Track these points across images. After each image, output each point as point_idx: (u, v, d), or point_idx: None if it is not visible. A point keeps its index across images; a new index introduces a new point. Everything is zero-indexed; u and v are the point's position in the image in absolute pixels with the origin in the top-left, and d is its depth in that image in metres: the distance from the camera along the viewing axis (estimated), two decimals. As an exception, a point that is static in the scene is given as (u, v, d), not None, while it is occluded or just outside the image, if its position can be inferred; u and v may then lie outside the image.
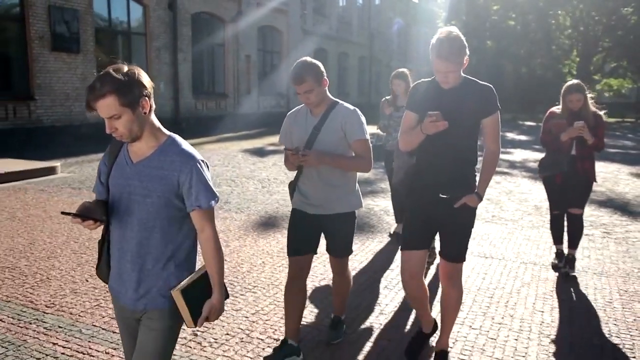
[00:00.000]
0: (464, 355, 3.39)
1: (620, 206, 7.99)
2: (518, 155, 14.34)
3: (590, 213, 7.22)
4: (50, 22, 13.70)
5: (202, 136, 16.72)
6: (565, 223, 5.05)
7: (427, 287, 3.29)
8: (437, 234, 3.22)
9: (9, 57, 13.45)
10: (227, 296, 2.12)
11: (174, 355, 3.00)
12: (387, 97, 5.96)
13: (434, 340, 3.47)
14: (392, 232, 6.08)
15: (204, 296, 2.02)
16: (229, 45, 20.73)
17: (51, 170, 9.53)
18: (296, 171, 3.25)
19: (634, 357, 3.40)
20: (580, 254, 5.32)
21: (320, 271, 4.86)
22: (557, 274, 4.90)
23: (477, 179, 3.08)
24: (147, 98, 1.91)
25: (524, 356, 3.39)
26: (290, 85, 3.01)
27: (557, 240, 5.12)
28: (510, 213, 7.35)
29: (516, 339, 3.61)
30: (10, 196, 7.73)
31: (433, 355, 3.32)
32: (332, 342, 3.53)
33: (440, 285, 3.42)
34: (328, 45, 28.52)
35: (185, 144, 2.03)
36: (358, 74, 33.21)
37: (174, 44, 17.79)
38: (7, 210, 6.84)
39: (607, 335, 3.70)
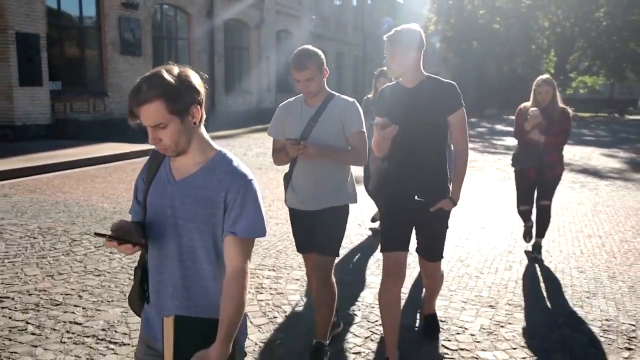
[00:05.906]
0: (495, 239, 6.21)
1: (592, 172, 11.07)
2: (510, 141, 17.31)
3: (571, 176, 10.17)
4: (120, 30, 16.27)
5: (238, 128, 19.33)
6: (534, 213, 5.42)
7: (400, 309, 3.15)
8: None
9: (88, 59, 16.02)
10: None
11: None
12: (369, 96, 6.01)
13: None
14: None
15: (205, 343, 1.58)
16: (252, 48, 23.46)
17: (156, 151, 12.15)
18: (287, 165, 3.17)
19: (598, 233, 6.29)
20: (565, 196, 8.20)
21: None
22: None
23: (450, 176, 3.10)
24: (198, 106, 1.65)
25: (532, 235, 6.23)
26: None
27: (526, 220, 5.56)
28: (515, 176, 10.25)
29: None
30: (147, 167, 10.33)
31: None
32: None
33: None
34: (327, 46, 31.13)
35: (237, 161, 1.73)
36: (353, 72, 36.07)
37: (211, 47, 20.43)
38: (159, 175, 9.46)
39: (582, 226, 6.63)
